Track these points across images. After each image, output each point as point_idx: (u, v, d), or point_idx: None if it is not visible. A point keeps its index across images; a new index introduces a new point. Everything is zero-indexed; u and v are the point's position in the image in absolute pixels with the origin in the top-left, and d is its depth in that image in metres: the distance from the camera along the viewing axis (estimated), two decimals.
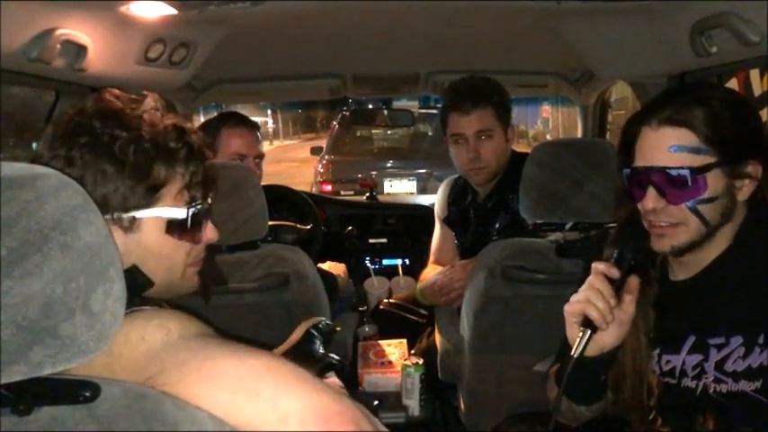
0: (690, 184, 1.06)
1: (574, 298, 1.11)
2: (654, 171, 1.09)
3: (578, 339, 1.08)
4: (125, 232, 0.92)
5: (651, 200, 1.10)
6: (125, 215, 0.91)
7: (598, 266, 1.11)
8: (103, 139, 0.90)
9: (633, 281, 1.12)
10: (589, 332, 1.08)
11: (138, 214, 0.92)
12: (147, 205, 0.93)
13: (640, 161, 1.12)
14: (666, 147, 1.08)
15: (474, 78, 2.12)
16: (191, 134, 0.99)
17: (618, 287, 1.10)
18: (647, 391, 1.21)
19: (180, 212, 0.96)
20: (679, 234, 1.10)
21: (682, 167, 1.07)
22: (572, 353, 1.08)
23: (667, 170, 1.07)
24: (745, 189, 1.10)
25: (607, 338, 1.11)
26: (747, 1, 1.32)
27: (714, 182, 1.08)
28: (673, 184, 1.08)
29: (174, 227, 0.96)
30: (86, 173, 0.89)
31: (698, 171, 1.06)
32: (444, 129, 2.15)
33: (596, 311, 1.07)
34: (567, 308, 1.11)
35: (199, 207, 0.98)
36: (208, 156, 1.02)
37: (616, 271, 1.10)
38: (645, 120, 1.12)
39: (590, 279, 1.10)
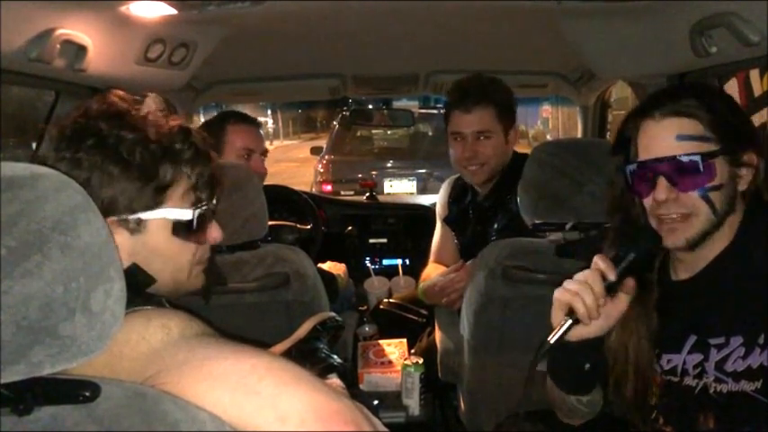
0: (701, 170, 1.08)
1: (566, 284, 1.11)
2: (663, 161, 1.10)
3: (559, 326, 1.10)
4: (131, 233, 0.92)
5: (663, 191, 1.09)
6: (131, 216, 0.91)
7: (599, 263, 1.11)
8: (110, 140, 0.90)
9: (629, 282, 1.12)
10: (570, 322, 1.09)
11: (145, 215, 0.92)
12: (154, 206, 0.93)
13: (645, 155, 1.12)
14: (673, 136, 1.10)
15: (480, 77, 2.12)
16: (196, 135, 0.99)
17: (613, 286, 1.11)
18: (649, 391, 1.22)
19: (186, 213, 0.96)
20: (692, 225, 1.10)
21: (692, 154, 1.08)
22: (549, 338, 1.10)
23: (678, 158, 1.08)
24: (744, 178, 1.12)
25: (590, 329, 1.13)
26: (747, 1, 1.32)
27: (720, 169, 1.10)
28: (683, 172, 1.09)
29: (179, 228, 0.96)
30: (93, 174, 0.89)
31: (708, 156, 1.08)
32: (446, 125, 2.16)
33: (583, 307, 1.08)
34: (557, 294, 1.12)
35: (204, 208, 0.98)
36: (213, 157, 1.03)
37: (613, 274, 1.10)
38: (646, 114, 1.13)
39: (586, 273, 1.11)
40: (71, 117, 0.94)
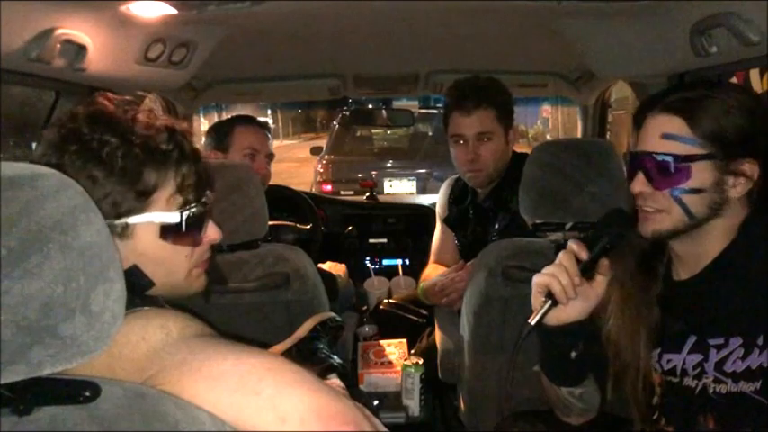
0: (672, 171, 1.09)
1: (544, 270, 1.17)
2: (643, 155, 1.13)
3: (539, 308, 1.15)
4: (119, 239, 0.91)
5: (638, 184, 1.13)
6: (117, 222, 0.90)
7: (571, 245, 1.17)
8: (92, 144, 0.89)
9: (604, 263, 1.17)
10: (549, 303, 1.15)
11: (131, 220, 0.91)
12: (139, 211, 0.91)
13: (636, 146, 1.16)
14: (659, 133, 1.11)
15: (478, 78, 2.11)
16: (183, 135, 0.97)
17: (588, 267, 1.16)
18: (650, 390, 1.22)
19: (173, 217, 0.94)
20: (662, 220, 1.13)
21: (666, 154, 1.09)
22: (529, 319, 1.16)
23: (654, 155, 1.11)
24: (738, 187, 1.10)
25: (569, 311, 1.17)
26: (747, 1, 1.32)
27: (701, 174, 1.09)
28: (659, 170, 1.11)
29: (168, 232, 0.94)
30: (78, 180, 0.87)
31: (682, 159, 1.08)
32: (446, 128, 2.15)
33: (558, 286, 1.13)
34: (535, 279, 1.17)
35: (193, 210, 0.97)
36: (203, 156, 1.02)
37: (585, 253, 1.15)
38: (650, 106, 1.15)
39: (560, 255, 1.16)
40: (59, 122, 0.93)
